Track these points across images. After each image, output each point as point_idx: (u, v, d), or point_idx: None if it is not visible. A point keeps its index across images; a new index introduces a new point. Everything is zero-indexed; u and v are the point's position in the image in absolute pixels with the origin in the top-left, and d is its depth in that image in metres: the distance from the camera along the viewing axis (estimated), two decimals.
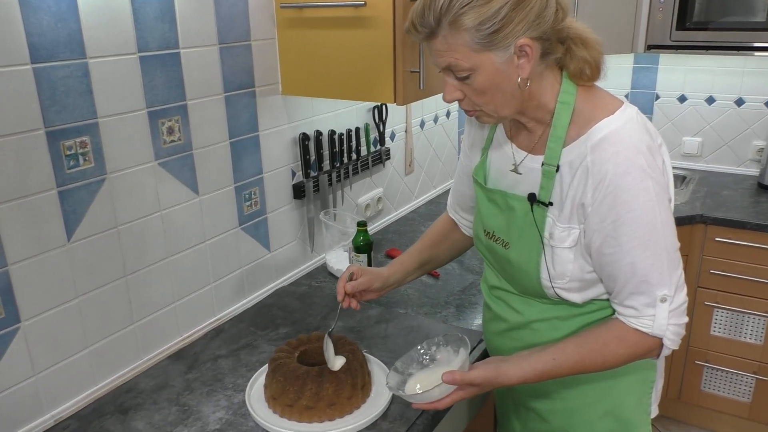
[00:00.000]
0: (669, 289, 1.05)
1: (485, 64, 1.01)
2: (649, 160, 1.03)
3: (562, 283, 1.13)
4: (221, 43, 1.51)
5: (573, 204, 1.08)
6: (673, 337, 1.07)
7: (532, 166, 1.14)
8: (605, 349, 1.09)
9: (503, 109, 1.08)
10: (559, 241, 1.11)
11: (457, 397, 1.11)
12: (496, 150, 1.23)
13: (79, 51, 1.21)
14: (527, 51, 1.00)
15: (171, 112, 1.42)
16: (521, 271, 1.18)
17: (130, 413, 1.29)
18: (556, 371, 1.10)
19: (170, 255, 1.49)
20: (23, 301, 1.19)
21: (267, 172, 1.73)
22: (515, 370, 1.10)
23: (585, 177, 1.05)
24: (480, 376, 1.09)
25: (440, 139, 2.66)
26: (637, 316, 1.07)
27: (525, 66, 1.02)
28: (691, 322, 2.50)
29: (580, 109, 1.08)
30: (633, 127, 1.04)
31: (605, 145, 1.03)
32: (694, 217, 2.36)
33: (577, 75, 1.08)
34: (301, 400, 1.21)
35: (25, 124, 1.15)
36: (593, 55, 1.07)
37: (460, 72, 1.03)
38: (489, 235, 1.24)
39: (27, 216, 1.18)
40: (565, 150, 1.08)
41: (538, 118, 1.12)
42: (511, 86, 1.04)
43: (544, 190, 1.11)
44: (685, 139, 2.91)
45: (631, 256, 1.04)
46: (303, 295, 1.78)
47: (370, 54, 1.53)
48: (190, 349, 1.52)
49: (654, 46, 2.48)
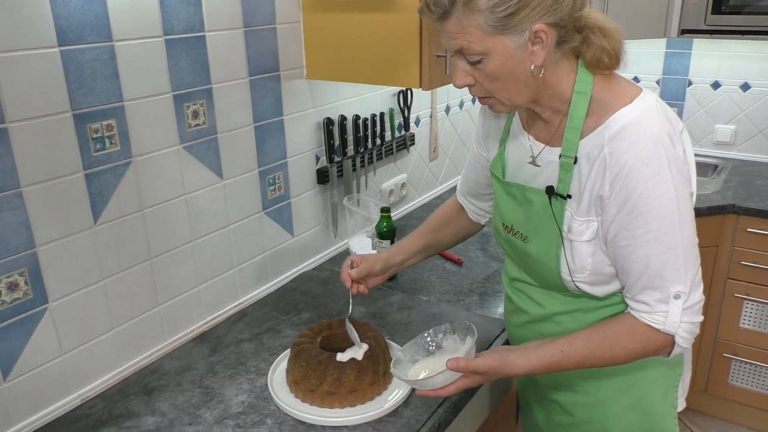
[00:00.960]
0: (684, 285, 1.02)
1: (498, 48, 0.98)
2: (669, 151, 0.99)
3: (582, 277, 1.11)
4: (246, 26, 1.50)
5: (591, 197, 1.05)
6: (686, 335, 1.04)
7: (549, 159, 1.11)
8: (615, 343, 1.06)
9: (516, 97, 1.05)
10: (577, 235, 1.08)
11: (462, 385, 1.09)
12: (513, 141, 1.21)
13: (105, 34, 1.21)
14: (542, 37, 0.97)
15: (196, 95, 1.42)
16: (541, 265, 1.17)
17: (155, 394, 1.31)
18: (564, 364, 1.08)
19: (194, 238, 1.49)
20: (51, 282, 1.21)
21: (291, 156, 1.73)
22: (522, 360, 1.09)
23: (603, 169, 1.02)
24: (485, 364, 1.08)
25: (466, 125, 2.63)
26: (650, 311, 1.04)
27: (539, 53, 0.99)
28: (719, 314, 2.45)
29: (597, 98, 1.05)
30: (652, 116, 1.01)
31: (623, 136, 1.00)
32: (726, 207, 2.31)
33: (594, 64, 1.04)
34: (323, 386, 1.21)
35: (53, 107, 1.15)
36: (612, 44, 1.03)
37: (472, 56, 1.01)
38: (508, 229, 1.23)
39: (54, 198, 1.19)
40: (583, 141, 1.05)
41: (554, 108, 1.09)
42: (525, 73, 1.01)
43: (563, 183, 1.08)
44: (717, 126, 2.84)
45: (645, 249, 1.01)
46: (326, 281, 1.78)
47: (396, 38, 1.51)
48: (213, 332, 1.53)
49: (688, 31, 2.41)
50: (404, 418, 1.20)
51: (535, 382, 1.35)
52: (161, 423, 1.22)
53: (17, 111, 1.10)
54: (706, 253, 2.36)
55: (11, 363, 1.18)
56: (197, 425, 1.21)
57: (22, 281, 1.16)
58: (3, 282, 1.14)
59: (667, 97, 2.88)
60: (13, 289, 1.15)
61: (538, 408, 1.39)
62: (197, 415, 1.23)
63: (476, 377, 1.09)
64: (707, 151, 2.87)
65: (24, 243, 1.15)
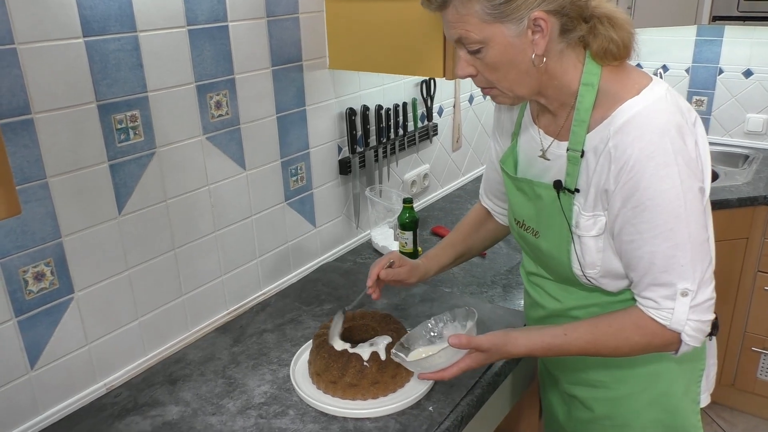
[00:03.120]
0: (691, 283, 0.99)
1: (497, 36, 0.97)
2: (677, 143, 0.96)
3: (593, 272, 1.09)
4: (269, 16, 1.49)
5: (597, 191, 1.03)
6: (693, 333, 1.01)
7: (558, 153, 1.09)
8: (620, 333, 1.05)
9: (518, 88, 1.03)
10: (585, 230, 1.06)
11: (465, 366, 1.08)
12: (524, 135, 1.19)
13: (129, 24, 1.21)
14: (542, 25, 0.95)
15: (219, 86, 1.42)
16: (553, 260, 1.15)
17: (179, 384, 1.32)
18: (566, 348, 1.07)
19: (218, 229, 1.50)
20: (76, 272, 1.22)
21: (313, 147, 1.72)
22: (524, 339, 1.08)
23: (608, 162, 1.00)
24: (488, 340, 1.07)
25: (489, 115, 2.60)
26: (657, 307, 1.02)
27: (540, 42, 0.97)
28: (749, 307, 2.40)
29: (605, 90, 1.02)
30: (660, 107, 0.98)
31: (628, 128, 0.97)
32: (757, 198, 2.25)
33: (601, 54, 1.01)
34: (345, 378, 1.21)
35: (78, 98, 1.16)
36: (621, 35, 1.00)
37: (471, 45, 0.99)
38: (520, 224, 1.21)
39: (79, 189, 1.20)
40: (590, 134, 1.03)
41: (560, 100, 1.06)
42: (525, 63, 0.99)
43: (570, 177, 1.06)
44: (749, 116, 2.76)
45: (650, 245, 0.99)
46: (348, 272, 1.78)
47: (419, 26, 1.49)
48: (236, 323, 1.54)
49: (719, 18, 2.35)
50: (427, 411, 1.19)
51: (555, 378, 1.34)
52: (185, 412, 1.23)
53: (43, 102, 1.11)
54: (736, 245, 2.31)
55: (38, 352, 1.19)
56: (220, 415, 1.21)
57: (49, 271, 1.18)
58: (30, 272, 1.15)
59: (697, 86, 2.81)
60: (40, 279, 1.17)
61: (559, 403, 1.37)
62: (220, 405, 1.24)
63: (478, 356, 1.08)
64: (738, 141, 2.80)
65: (50, 233, 1.17)
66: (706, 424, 2.52)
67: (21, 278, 1.14)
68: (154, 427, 1.19)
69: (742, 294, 2.39)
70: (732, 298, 2.40)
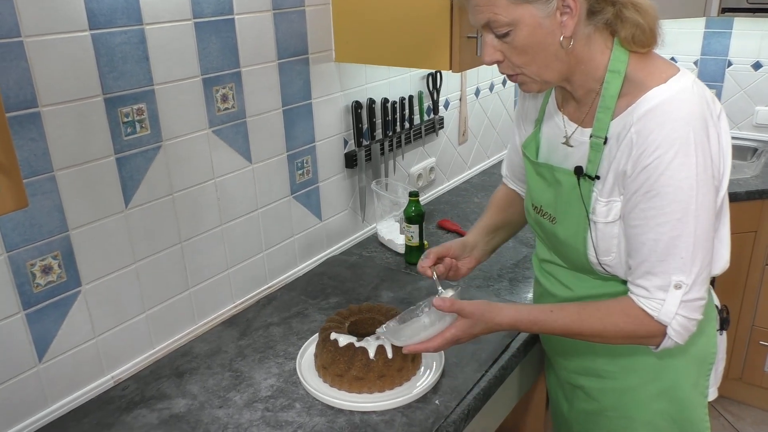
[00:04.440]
0: (687, 276, 0.98)
1: (525, 18, 0.96)
2: (699, 135, 0.95)
3: (608, 259, 1.09)
4: (275, 9, 1.49)
5: (615, 176, 1.03)
6: (679, 329, 1.00)
7: (582, 140, 1.09)
8: (606, 318, 1.05)
9: (546, 72, 1.02)
10: (601, 216, 1.06)
11: (450, 336, 1.08)
12: (548, 121, 1.18)
13: (135, 17, 1.21)
14: (570, 5, 0.95)
15: (225, 79, 1.41)
16: (569, 247, 1.15)
17: (186, 377, 1.32)
18: (550, 324, 1.08)
19: (224, 222, 1.50)
20: (83, 265, 1.23)
21: (319, 140, 1.72)
22: (509, 310, 1.09)
23: (629, 148, 0.99)
24: (472, 305, 1.07)
25: (496, 108, 2.59)
26: (647, 296, 1.01)
27: (568, 23, 0.97)
28: (757, 300, 2.39)
29: (631, 77, 1.01)
30: (685, 97, 0.97)
31: (652, 115, 0.97)
32: (766, 191, 2.23)
33: (629, 40, 1.00)
34: (351, 371, 1.21)
35: (85, 91, 1.16)
36: (647, 20, 0.99)
37: (499, 28, 0.98)
38: (537, 210, 1.21)
39: (86, 182, 1.20)
40: (614, 122, 1.02)
41: (586, 87, 1.06)
42: (554, 45, 0.99)
43: (592, 164, 1.06)
44: (758, 108, 2.74)
45: (654, 232, 0.98)
46: (354, 265, 1.78)
47: (426, 19, 1.48)
48: (242, 316, 1.54)
49: (729, 9, 2.32)
50: (433, 405, 1.19)
51: (560, 368, 1.33)
52: (192, 405, 1.23)
53: (49, 95, 1.11)
54: (745, 238, 2.29)
55: (46, 345, 1.20)
56: (227, 408, 1.22)
57: (56, 264, 1.18)
58: (37, 265, 1.15)
59: (705, 79, 2.78)
60: (47, 272, 1.17)
61: (562, 397, 1.37)
62: (227, 398, 1.24)
63: (463, 323, 1.08)
64: (747, 134, 2.77)
65: (57, 226, 1.17)
66: (714, 417, 2.51)
67: (29, 271, 1.14)
68: (162, 419, 1.20)
69: (750, 287, 2.38)
70: (740, 291, 2.39)
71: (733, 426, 2.51)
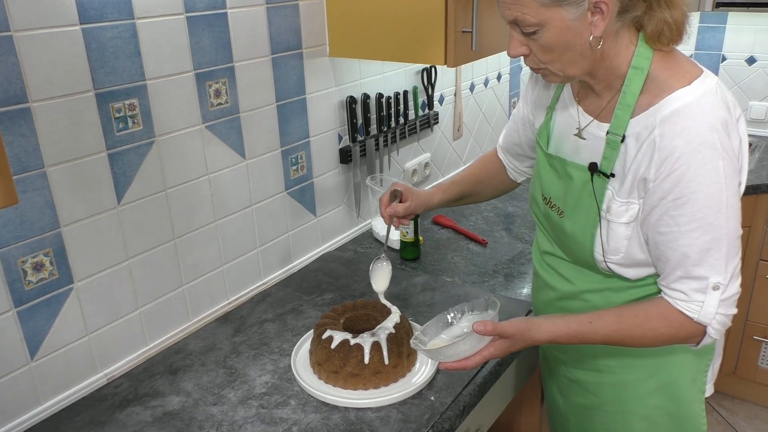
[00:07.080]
0: (723, 277, 0.99)
1: (554, 20, 0.95)
2: (723, 139, 0.95)
3: (615, 259, 1.08)
4: (269, 3, 1.48)
5: (635, 178, 1.02)
6: (719, 326, 1.01)
7: (596, 134, 1.08)
8: (646, 324, 1.04)
9: (570, 69, 1.01)
10: (616, 216, 1.05)
11: (488, 354, 1.06)
12: (561, 111, 1.17)
13: (127, 11, 1.20)
14: (603, 8, 0.93)
15: (218, 74, 1.40)
16: (575, 242, 1.14)
17: (179, 374, 1.31)
18: (590, 336, 1.06)
19: (218, 219, 1.49)
20: (76, 262, 1.22)
21: (314, 136, 1.71)
22: (548, 325, 1.06)
23: (651, 151, 0.98)
24: (512, 326, 1.05)
25: (490, 103, 2.58)
26: (686, 300, 1.01)
27: (599, 24, 0.95)
28: (750, 296, 2.40)
29: (654, 75, 1.00)
30: (710, 100, 0.96)
31: (676, 119, 0.96)
32: (760, 186, 2.24)
33: (655, 38, 0.99)
34: (346, 368, 1.20)
35: (76, 86, 1.15)
36: (675, 16, 0.98)
37: (527, 27, 0.97)
38: (546, 201, 1.20)
39: (78, 178, 1.19)
40: (634, 120, 1.01)
41: (608, 81, 1.05)
42: (582, 45, 0.97)
43: (607, 161, 1.05)
44: (752, 103, 2.74)
45: (687, 238, 0.98)
46: (349, 261, 1.77)
47: (421, 13, 1.47)
48: (237, 313, 1.53)
49: (723, 4, 2.33)
50: (429, 401, 1.19)
51: (557, 363, 1.33)
52: (186, 402, 1.22)
53: (40, 90, 1.10)
54: None
55: (38, 343, 1.19)
56: (221, 405, 1.21)
57: (48, 261, 1.17)
58: (29, 262, 1.14)
59: None
60: (39, 269, 1.16)
61: (557, 391, 1.37)
62: (221, 395, 1.24)
63: (502, 343, 1.06)
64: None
65: (49, 223, 1.16)
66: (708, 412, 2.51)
67: (20, 269, 1.13)
68: (155, 417, 1.19)
69: (744, 283, 2.34)
70: None
71: (726, 420, 2.52)
